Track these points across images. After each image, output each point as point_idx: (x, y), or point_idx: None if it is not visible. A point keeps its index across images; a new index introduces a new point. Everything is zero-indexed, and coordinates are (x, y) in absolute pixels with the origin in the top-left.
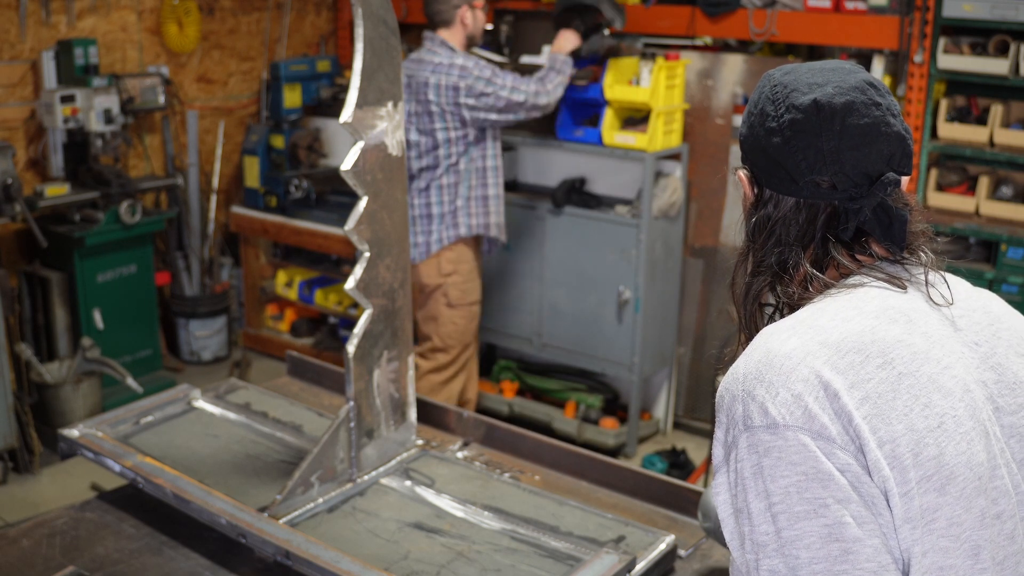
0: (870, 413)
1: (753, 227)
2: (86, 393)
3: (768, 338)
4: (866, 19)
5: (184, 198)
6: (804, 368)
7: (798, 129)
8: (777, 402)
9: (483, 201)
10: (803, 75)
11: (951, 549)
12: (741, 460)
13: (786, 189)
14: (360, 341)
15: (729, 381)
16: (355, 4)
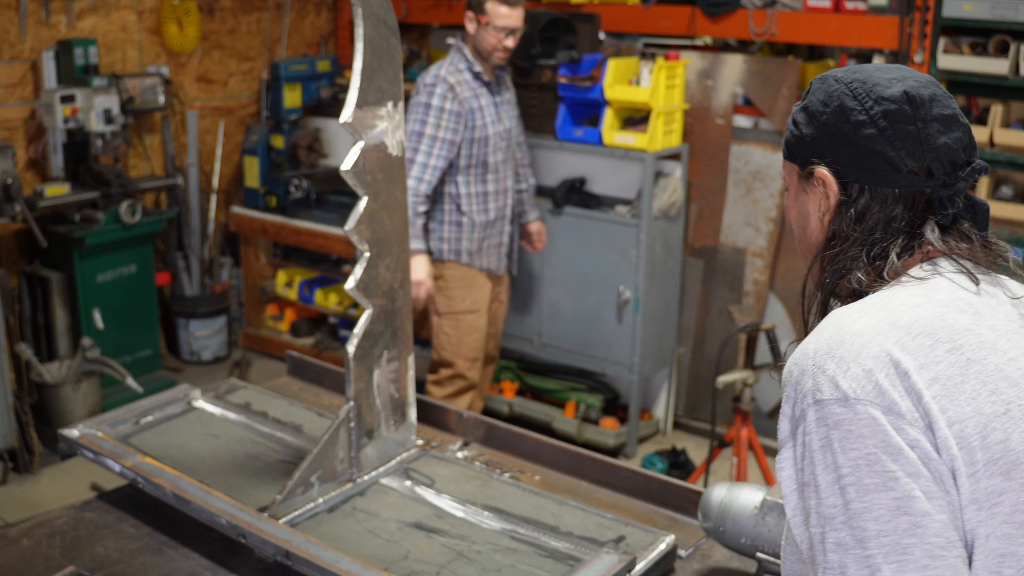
0: (939, 393)
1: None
2: (86, 393)
3: (839, 318)
4: (866, 19)
5: (184, 198)
6: (875, 346)
7: (893, 119)
8: (848, 376)
9: (457, 227)
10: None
11: (1014, 536)
12: (809, 433)
13: (884, 180)
14: (360, 341)
15: (799, 356)
16: (355, 4)
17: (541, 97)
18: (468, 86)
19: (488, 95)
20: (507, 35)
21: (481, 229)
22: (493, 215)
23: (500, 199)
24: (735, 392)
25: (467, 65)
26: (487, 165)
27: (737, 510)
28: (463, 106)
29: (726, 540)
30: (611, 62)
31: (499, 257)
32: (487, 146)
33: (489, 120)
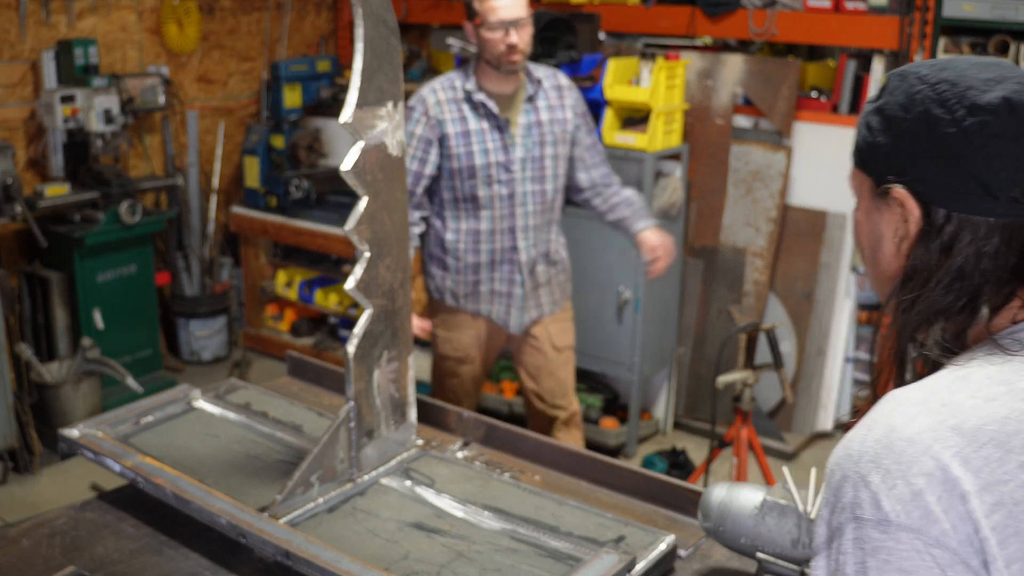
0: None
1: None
2: (86, 393)
3: (893, 410)
4: (866, 19)
5: (184, 198)
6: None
7: (991, 134)
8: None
9: (441, 266)
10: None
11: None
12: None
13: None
14: (360, 341)
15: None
16: (355, 4)
17: None
18: (453, 107)
19: (486, 118)
20: (506, 31)
21: (472, 272)
22: (487, 257)
23: (499, 240)
24: (735, 392)
25: (462, 83)
26: (477, 200)
27: (737, 510)
28: (435, 131)
29: (726, 540)
30: (611, 62)
31: (508, 309)
32: (473, 178)
33: (477, 148)
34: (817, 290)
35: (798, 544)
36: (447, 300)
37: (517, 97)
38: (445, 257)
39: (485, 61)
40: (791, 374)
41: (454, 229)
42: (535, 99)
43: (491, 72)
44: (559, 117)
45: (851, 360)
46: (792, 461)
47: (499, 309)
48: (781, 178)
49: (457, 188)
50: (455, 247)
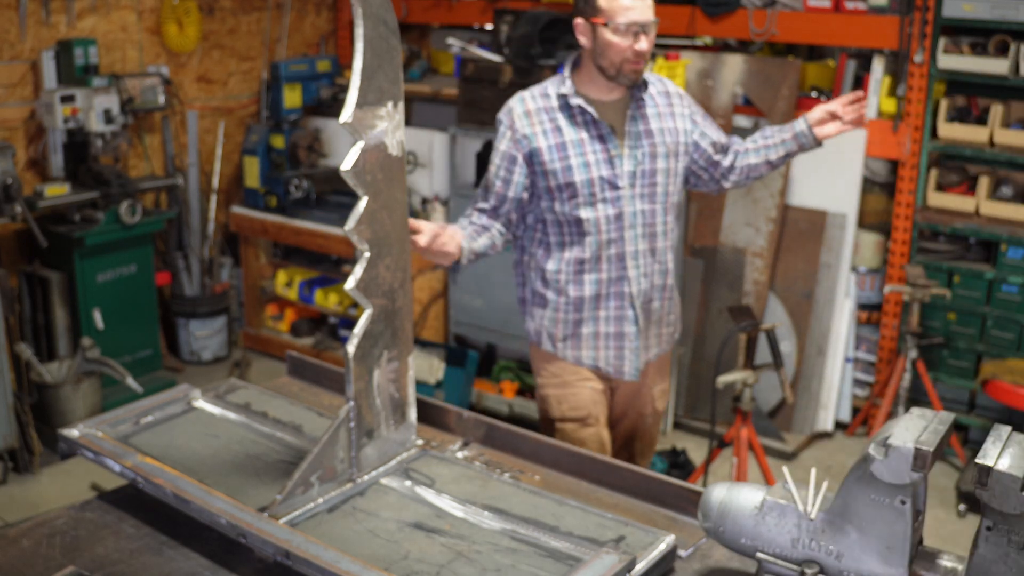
0: None
1: None
2: (86, 393)
3: None
4: (866, 19)
5: (184, 198)
6: None
7: None
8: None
9: (540, 303)
10: None
11: None
12: None
13: None
14: (360, 341)
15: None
16: (355, 4)
17: None
18: (544, 116)
19: (586, 128)
20: (636, 34)
21: (575, 309)
22: (592, 290)
23: (606, 269)
24: (735, 392)
25: (556, 88)
26: (580, 223)
27: (737, 510)
28: (520, 146)
29: (726, 540)
30: None
31: (620, 352)
32: (574, 197)
33: (576, 162)
34: (817, 290)
35: (798, 544)
36: (544, 345)
37: (622, 103)
38: (546, 291)
39: (598, 67)
40: (791, 374)
41: (556, 258)
42: (643, 105)
43: (596, 77)
44: (670, 127)
45: (851, 360)
46: (792, 461)
47: (608, 354)
48: (781, 178)
49: (557, 209)
50: (555, 278)
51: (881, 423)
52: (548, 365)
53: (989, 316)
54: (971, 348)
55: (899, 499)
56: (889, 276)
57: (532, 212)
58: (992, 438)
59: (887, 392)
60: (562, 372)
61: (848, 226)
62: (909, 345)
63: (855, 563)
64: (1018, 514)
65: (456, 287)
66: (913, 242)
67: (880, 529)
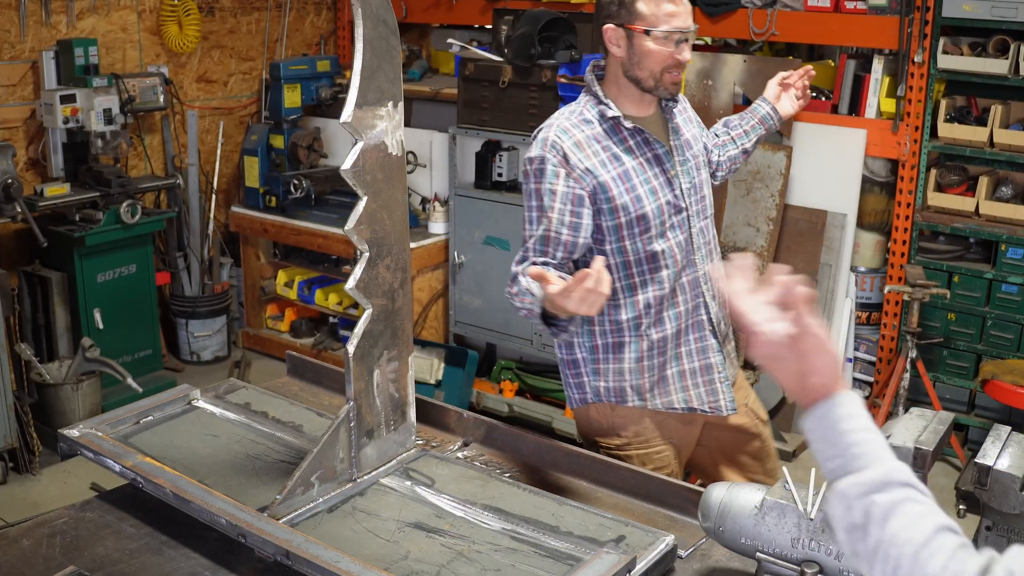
0: None
1: None
2: (86, 393)
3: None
4: (866, 19)
5: (184, 198)
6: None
7: None
8: None
9: (615, 353)
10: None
11: None
12: None
13: None
14: (360, 341)
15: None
16: (355, 4)
17: (541, 97)
18: (599, 146)
19: (640, 150)
20: (679, 43)
21: (658, 352)
22: (672, 327)
23: (683, 301)
24: None
25: (599, 109)
26: (655, 258)
27: (737, 510)
28: (583, 183)
29: (726, 540)
30: None
31: (712, 386)
32: (647, 231)
33: (643, 190)
34: (817, 290)
35: (798, 544)
36: (629, 400)
37: (659, 117)
38: (623, 341)
39: (632, 78)
40: None
41: (629, 303)
42: (673, 116)
43: (628, 90)
44: (695, 133)
45: (851, 360)
46: (792, 461)
47: (700, 392)
48: (781, 178)
49: (627, 248)
50: (635, 325)
51: (881, 423)
52: (631, 424)
53: (989, 316)
54: (971, 348)
55: None
56: (889, 276)
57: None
58: (992, 438)
59: (887, 392)
60: (645, 430)
61: (848, 226)
62: (909, 345)
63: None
64: (1017, 514)
65: (456, 287)
66: (913, 242)
67: None
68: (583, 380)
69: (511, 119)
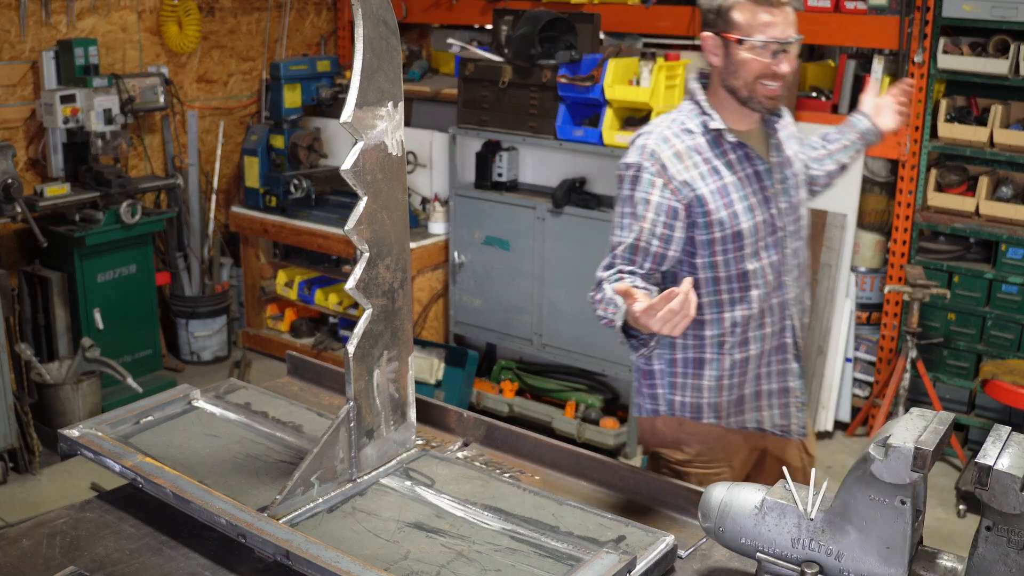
0: None
1: None
2: (86, 393)
3: None
4: (866, 19)
5: (184, 198)
6: None
7: None
8: None
9: (694, 369)
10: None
11: None
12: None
13: None
14: (360, 341)
15: None
16: (355, 4)
17: (541, 97)
18: (700, 158)
19: (741, 165)
20: (777, 54)
21: (739, 372)
22: (756, 348)
23: (769, 323)
24: None
25: (702, 120)
26: (746, 277)
27: (737, 510)
28: (679, 195)
29: (726, 540)
30: (611, 62)
31: (786, 410)
32: (740, 249)
33: (740, 207)
34: (817, 290)
35: (798, 544)
36: (705, 417)
37: (761, 132)
38: (704, 357)
39: (728, 88)
40: None
41: (715, 320)
42: (775, 132)
43: (728, 102)
44: (796, 151)
45: (851, 360)
46: None
47: (774, 414)
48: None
49: (719, 264)
50: (718, 343)
51: (881, 423)
52: (697, 442)
53: (989, 316)
54: (971, 348)
55: (899, 499)
56: (889, 276)
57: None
58: (992, 438)
59: (887, 392)
60: (710, 450)
61: (848, 226)
62: (909, 345)
63: (855, 563)
64: (1018, 514)
65: (456, 287)
66: (913, 242)
67: (880, 529)
68: (657, 392)
69: (511, 119)
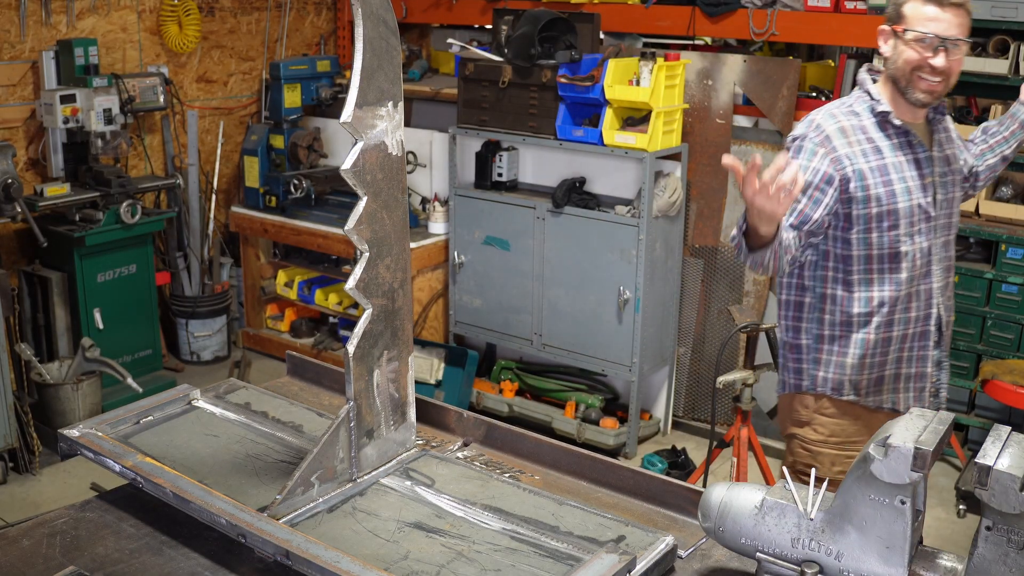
0: None
1: None
2: (86, 393)
3: None
4: (866, 19)
5: (184, 198)
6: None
7: None
8: None
9: (840, 346)
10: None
11: None
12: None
13: None
14: (360, 341)
15: None
16: (355, 4)
17: (541, 97)
18: (860, 135)
19: (903, 150)
20: (935, 49)
21: (880, 352)
22: (899, 331)
23: (915, 308)
24: (735, 392)
25: (869, 104)
26: (897, 257)
27: (737, 510)
28: (839, 165)
29: (726, 540)
30: (611, 62)
31: (920, 395)
32: (895, 228)
33: (899, 187)
34: None
35: (798, 544)
36: (846, 394)
37: (924, 128)
38: (849, 335)
39: (890, 77)
40: None
41: (864, 297)
42: (939, 130)
43: (895, 94)
44: (956, 154)
45: None
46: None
47: (908, 397)
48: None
49: (873, 241)
50: (865, 321)
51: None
52: (832, 423)
53: (989, 316)
54: (971, 348)
55: (899, 499)
56: None
57: (815, 247)
58: (992, 438)
59: None
60: (844, 430)
61: None
62: None
63: (855, 563)
64: (1018, 514)
65: (456, 287)
66: None
67: (880, 529)
68: (802, 367)
69: (511, 119)
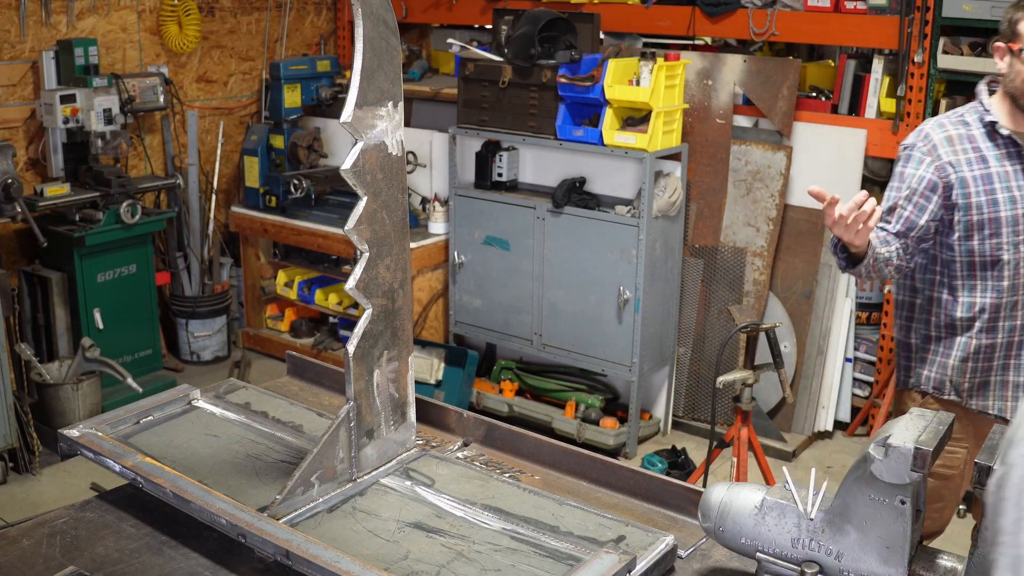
0: None
1: None
2: (86, 393)
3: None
4: (866, 19)
5: (184, 198)
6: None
7: None
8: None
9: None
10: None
11: None
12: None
13: None
14: (360, 341)
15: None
16: (355, 4)
17: (541, 97)
18: (967, 144)
19: (1010, 159)
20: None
21: (985, 357)
22: (1004, 337)
23: (1021, 314)
24: (735, 392)
25: (980, 114)
26: (999, 265)
27: (737, 510)
28: (943, 173)
29: (726, 540)
30: (611, 62)
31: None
32: (997, 236)
33: (1003, 196)
34: (817, 290)
35: (798, 544)
36: (947, 394)
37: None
38: (953, 337)
39: (1008, 93)
40: (791, 374)
41: (966, 303)
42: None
43: (1011, 108)
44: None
45: (851, 360)
46: (792, 461)
47: (1014, 405)
48: (781, 178)
49: (975, 248)
50: (967, 325)
51: (881, 423)
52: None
53: None
54: None
55: (899, 499)
56: None
57: (925, 251)
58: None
59: (887, 392)
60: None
61: None
62: None
63: (855, 563)
64: None
65: (456, 287)
66: None
67: (880, 529)
68: (911, 364)
69: (511, 119)
